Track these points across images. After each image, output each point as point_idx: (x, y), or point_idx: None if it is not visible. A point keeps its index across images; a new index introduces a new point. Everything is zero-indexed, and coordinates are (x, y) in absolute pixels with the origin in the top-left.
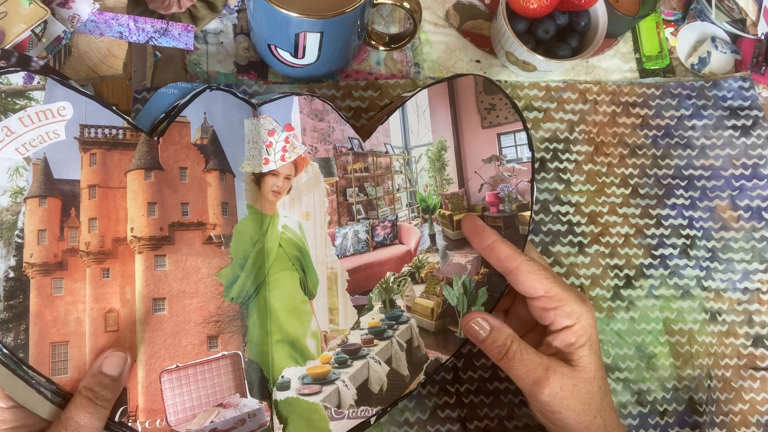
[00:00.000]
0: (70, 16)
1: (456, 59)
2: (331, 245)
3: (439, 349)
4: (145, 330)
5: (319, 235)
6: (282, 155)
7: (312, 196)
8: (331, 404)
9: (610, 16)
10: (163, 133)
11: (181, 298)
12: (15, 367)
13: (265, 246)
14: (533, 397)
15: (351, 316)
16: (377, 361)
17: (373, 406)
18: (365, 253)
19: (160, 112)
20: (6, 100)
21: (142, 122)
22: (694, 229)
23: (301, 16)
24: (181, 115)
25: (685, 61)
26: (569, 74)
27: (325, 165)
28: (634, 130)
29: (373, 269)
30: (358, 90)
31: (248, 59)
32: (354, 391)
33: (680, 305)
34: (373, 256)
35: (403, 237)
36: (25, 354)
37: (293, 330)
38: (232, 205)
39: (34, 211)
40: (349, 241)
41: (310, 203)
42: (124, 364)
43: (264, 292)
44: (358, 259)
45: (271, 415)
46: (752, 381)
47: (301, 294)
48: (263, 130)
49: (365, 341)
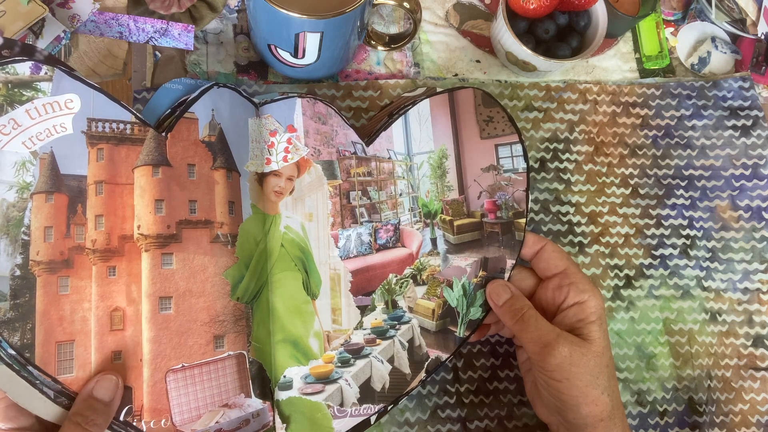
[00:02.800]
0: (70, 16)
1: (456, 59)
2: (334, 247)
3: (439, 348)
4: (151, 329)
5: (322, 236)
6: (284, 156)
7: (315, 197)
8: (334, 403)
9: (610, 16)
10: (171, 128)
11: (187, 297)
12: (19, 367)
13: (267, 246)
14: (541, 363)
15: (354, 317)
16: (379, 360)
17: (376, 403)
18: (368, 255)
19: (166, 107)
20: (12, 91)
21: (147, 116)
22: (694, 229)
23: (301, 16)
24: (189, 111)
25: (685, 61)
26: (569, 74)
27: (328, 167)
28: (634, 130)
29: (375, 271)
30: (358, 90)
31: (248, 59)
32: (357, 389)
33: (680, 305)
34: (376, 258)
35: (405, 240)
36: (31, 353)
37: (296, 330)
38: (238, 204)
39: (40, 208)
40: (352, 243)
41: (313, 205)
42: (115, 388)
43: (266, 292)
44: (362, 261)
45: (273, 415)
46: (752, 381)
47: (304, 294)
48: (265, 130)
49: (368, 341)
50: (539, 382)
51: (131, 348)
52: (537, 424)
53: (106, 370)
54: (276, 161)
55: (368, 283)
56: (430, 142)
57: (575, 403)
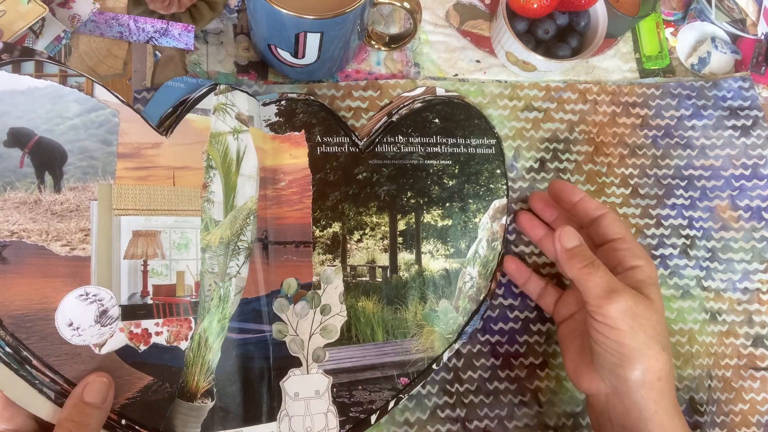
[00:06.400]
0: (71, 16)
1: (456, 59)
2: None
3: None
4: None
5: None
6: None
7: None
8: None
9: (610, 16)
10: (172, 127)
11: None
12: (18, 366)
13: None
14: (605, 310)
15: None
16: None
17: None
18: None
19: (168, 106)
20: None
21: (148, 115)
22: (694, 229)
23: (301, 16)
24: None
25: (685, 61)
26: (569, 74)
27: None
28: (634, 130)
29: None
30: (358, 90)
31: (248, 59)
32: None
33: (680, 305)
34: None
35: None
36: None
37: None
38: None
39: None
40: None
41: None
42: (107, 390)
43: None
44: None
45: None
46: (752, 381)
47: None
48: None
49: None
50: (595, 338)
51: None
52: (537, 424)
53: (98, 372)
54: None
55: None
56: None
57: (636, 356)
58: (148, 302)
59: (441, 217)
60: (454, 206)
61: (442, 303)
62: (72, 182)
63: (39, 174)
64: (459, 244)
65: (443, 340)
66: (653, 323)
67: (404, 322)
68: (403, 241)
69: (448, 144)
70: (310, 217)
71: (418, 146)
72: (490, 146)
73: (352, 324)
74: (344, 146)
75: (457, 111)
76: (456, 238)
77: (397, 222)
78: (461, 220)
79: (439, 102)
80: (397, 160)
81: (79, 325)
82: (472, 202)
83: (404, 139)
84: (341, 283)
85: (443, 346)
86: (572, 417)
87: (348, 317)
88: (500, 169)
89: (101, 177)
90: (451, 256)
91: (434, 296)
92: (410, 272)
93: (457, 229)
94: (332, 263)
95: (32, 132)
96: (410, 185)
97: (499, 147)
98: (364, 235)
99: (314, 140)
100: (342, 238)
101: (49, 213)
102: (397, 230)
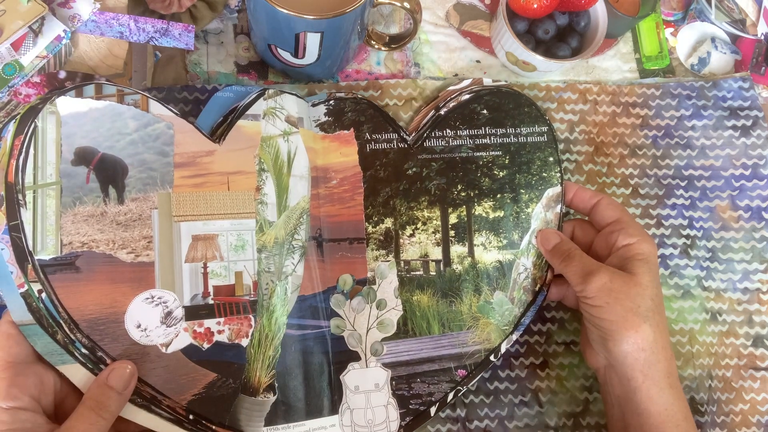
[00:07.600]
0: (71, 15)
1: (456, 59)
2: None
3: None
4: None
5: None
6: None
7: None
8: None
9: (610, 17)
10: (223, 135)
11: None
12: (93, 366)
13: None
14: (584, 292)
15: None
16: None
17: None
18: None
19: (219, 115)
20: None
21: (200, 125)
22: (694, 229)
23: (302, 16)
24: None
25: (685, 62)
26: (569, 74)
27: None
28: (634, 130)
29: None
30: (359, 90)
31: (248, 59)
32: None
33: (681, 305)
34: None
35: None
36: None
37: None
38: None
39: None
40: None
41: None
42: (130, 378)
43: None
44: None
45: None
46: (752, 381)
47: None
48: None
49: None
50: (585, 318)
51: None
52: (537, 424)
53: (124, 359)
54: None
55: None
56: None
57: (615, 329)
58: (209, 302)
59: (492, 208)
60: (505, 197)
61: (497, 295)
62: (134, 193)
63: (103, 188)
64: (512, 235)
65: (500, 331)
66: (632, 296)
67: (459, 314)
68: (455, 235)
69: (498, 135)
70: (363, 214)
71: (466, 138)
72: (542, 134)
73: (408, 318)
74: (393, 142)
75: (506, 100)
76: (508, 229)
77: (448, 215)
78: (513, 210)
79: (487, 92)
80: (446, 154)
81: (147, 326)
82: (524, 192)
83: (452, 133)
84: (396, 277)
85: (500, 337)
86: (572, 417)
87: (404, 311)
88: (553, 156)
89: (160, 187)
90: (504, 248)
91: (488, 288)
92: (463, 265)
93: (509, 220)
94: (386, 258)
95: (95, 150)
96: (460, 178)
97: (552, 134)
98: (417, 229)
99: (363, 138)
100: (395, 234)
101: (114, 223)
102: (449, 224)
